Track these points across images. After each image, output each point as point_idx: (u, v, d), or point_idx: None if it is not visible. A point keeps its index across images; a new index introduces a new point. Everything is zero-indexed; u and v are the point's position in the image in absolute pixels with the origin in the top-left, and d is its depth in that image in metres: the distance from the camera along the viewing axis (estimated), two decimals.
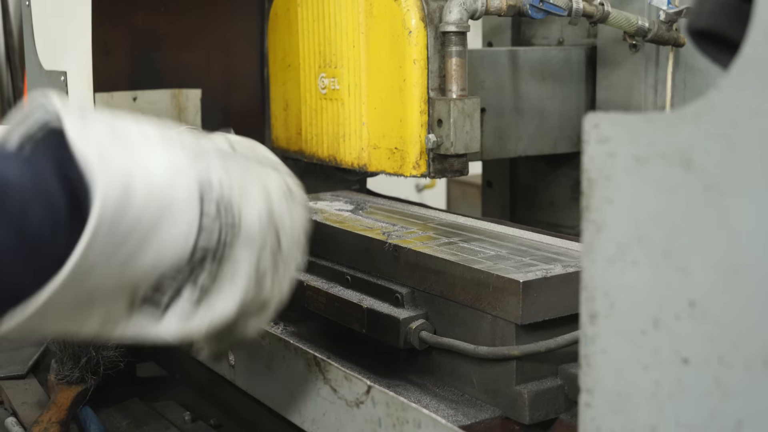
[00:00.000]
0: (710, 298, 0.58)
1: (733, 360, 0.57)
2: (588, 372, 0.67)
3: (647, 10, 1.55)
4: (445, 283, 1.11)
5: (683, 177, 0.58)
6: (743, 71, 0.55)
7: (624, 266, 0.63)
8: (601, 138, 0.63)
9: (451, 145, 1.34)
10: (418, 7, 1.35)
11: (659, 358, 0.62)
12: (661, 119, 0.59)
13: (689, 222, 0.59)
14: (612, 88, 1.68)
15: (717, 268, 0.57)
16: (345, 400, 1.01)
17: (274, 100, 1.72)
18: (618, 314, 0.64)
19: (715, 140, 0.56)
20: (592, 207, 0.65)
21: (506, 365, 1.03)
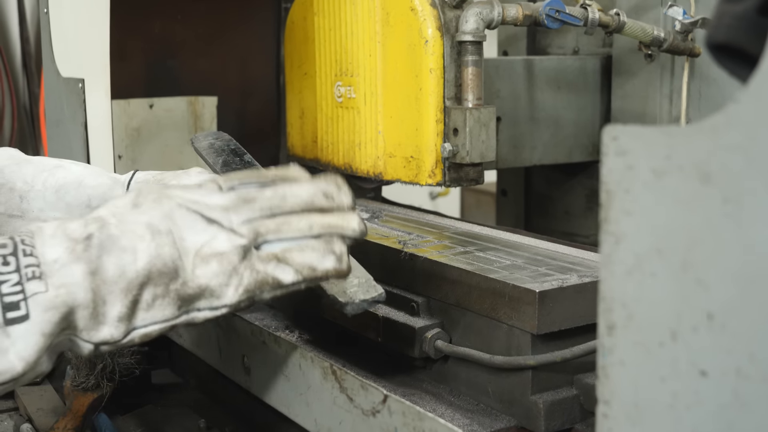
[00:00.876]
0: (728, 311, 0.58)
1: (750, 372, 0.57)
2: (605, 383, 0.67)
3: (663, 20, 1.55)
4: (461, 292, 1.11)
5: (701, 190, 0.59)
6: (762, 85, 0.55)
7: (642, 278, 0.63)
8: (620, 150, 0.64)
9: (467, 154, 1.35)
10: (435, 16, 1.36)
11: (677, 370, 0.62)
12: (679, 132, 0.60)
13: (707, 234, 0.59)
14: (627, 98, 1.68)
15: (735, 280, 0.58)
16: (361, 409, 1.01)
17: (290, 107, 1.73)
18: (636, 326, 0.64)
19: (733, 153, 0.57)
20: (610, 219, 0.65)
21: (522, 375, 1.03)
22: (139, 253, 0.91)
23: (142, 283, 0.91)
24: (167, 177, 1.20)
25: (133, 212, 0.94)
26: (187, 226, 0.94)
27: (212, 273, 0.94)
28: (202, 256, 0.94)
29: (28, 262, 0.87)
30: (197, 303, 0.95)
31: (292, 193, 0.98)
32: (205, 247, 0.94)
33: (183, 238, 0.94)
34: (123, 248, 0.91)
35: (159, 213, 0.94)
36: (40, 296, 0.86)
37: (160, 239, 0.92)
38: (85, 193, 1.22)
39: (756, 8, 0.60)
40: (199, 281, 0.94)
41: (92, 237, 0.90)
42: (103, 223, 0.92)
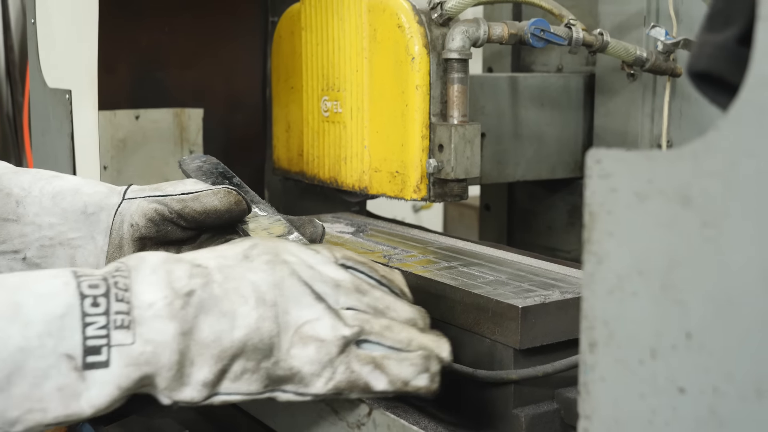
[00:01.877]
0: (706, 330, 0.60)
1: (727, 390, 0.59)
2: (587, 399, 0.69)
3: (645, 40, 1.58)
4: (445, 306, 1.13)
5: (681, 213, 0.61)
6: (741, 113, 0.57)
7: (623, 297, 0.65)
8: (604, 173, 0.66)
9: (452, 170, 1.37)
10: (422, 34, 1.38)
11: (656, 387, 0.64)
12: (661, 157, 0.62)
13: (687, 256, 0.61)
14: (609, 116, 1.70)
15: (713, 301, 0.60)
16: (346, 422, 1.02)
17: (277, 121, 1.74)
18: (617, 343, 0.66)
19: (712, 179, 0.59)
20: (593, 239, 0.67)
21: (504, 389, 1.04)
22: (238, 321, 0.90)
23: (235, 354, 0.90)
24: (163, 186, 1.20)
25: (243, 266, 0.94)
26: (295, 298, 0.93)
27: (307, 358, 0.92)
28: (302, 335, 0.93)
29: (118, 308, 0.86)
30: (285, 385, 0.94)
31: (395, 307, 0.99)
32: (307, 326, 0.93)
33: (287, 312, 0.93)
34: (223, 312, 0.90)
35: (270, 279, 0.93)
36: (125, 348, 0.85)
37: (264, 311, 0.91)
38: (81, 199, 1.20)
39: (736, 39, 0.63)
40: (292, 362, 0.92)
41: (193, 294, 0.89)
42: (208, 280, 0.91)
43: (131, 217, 1.17)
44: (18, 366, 0.82)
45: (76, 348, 0.84)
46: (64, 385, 0.83)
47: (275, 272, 0.94)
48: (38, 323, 0.83)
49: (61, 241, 1.20)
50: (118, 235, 1.17)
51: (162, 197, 1.16)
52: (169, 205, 1.16)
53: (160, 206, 1.16)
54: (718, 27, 0.64)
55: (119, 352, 0.85)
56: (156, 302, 0.87)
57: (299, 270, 0.95)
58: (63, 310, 0.84)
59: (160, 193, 1.17)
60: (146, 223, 1.16)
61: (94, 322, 0.84)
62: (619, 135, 1.68)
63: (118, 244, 1.18)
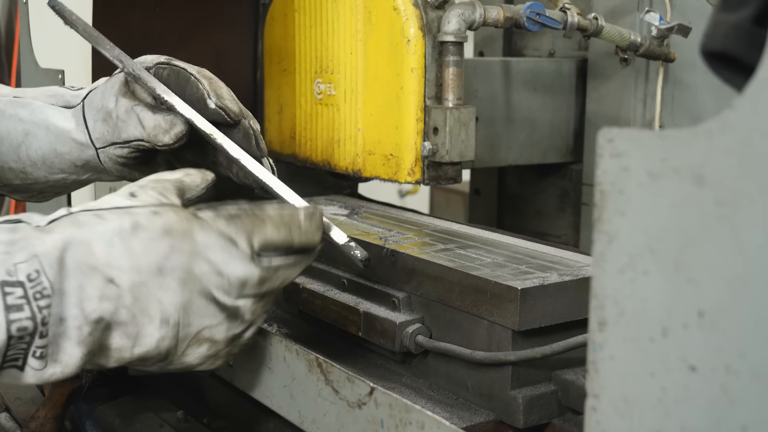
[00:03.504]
0: (719, 309, 0.60)
1: (740, 368, 0.59)
2: (595, 377, 0.69)
3: (639, 25, 1.58)
4: (443, 288, 1.13)
5: (695, 192, 0.61)
6: (757, 93, 0.57)
7: (635, 276, 0.65)
8: (615, 152, 0.65)
9: (446, 153, 1.37)
10: (417, 16, 1.37)
11: (666, 365, 0.64)
12: (675, 136, 0.62)
13: (700, 235, 0.61)
14: (602, 101, 1.70)
15: (726, 280, 0.60)
16: (347, 401, 1.02)
17: (269, 103, 1.73)
18: (627, 322, 0.66)
19: (727, 157, 0.59)
20: (604, 218, 0.67)
21: (502, 370, 1.04)
22: (141, 340, 0.97)
23: (133, 361, 0.99)
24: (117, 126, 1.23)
25: (155, 282, 0.96)
26: (199, 313, 0.99)
27: (198, 355, 1.02)
28: (198, 338, 1.01)
29: (39, 344, 0.90)
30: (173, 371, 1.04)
31: (289, 278, 1.05)
32: (206, 330, 1.01)
33: (189, 324, 0.99)
34: (127, 334, 0.96)
35: (178, 301, 0.97)
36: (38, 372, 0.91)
37: (166, 331, 0.97)
38: (66, 159, 1.27)
39: (751, 18, 0.63)
40: (184, 359, 1.02)
41: (101, 321, 0.93)
42: (117, 305, 0.94)
43: (114, 160, 1.24)
44: None
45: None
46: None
47: (184, 293, 0.97)
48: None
49: (83, 180, 1.32)
50: (116, 169, 1.25)
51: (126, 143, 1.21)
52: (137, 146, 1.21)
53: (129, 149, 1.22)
54: (733, 6, 0.64)
55: (33, 371, 0.91)
56: (67, 321, 0.91)
57: (208, 284, 0.99)
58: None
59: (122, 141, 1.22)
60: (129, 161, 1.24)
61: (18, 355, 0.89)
62: (611, 120, 1.68)
63: (124, 172, 1.26)
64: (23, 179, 1.30)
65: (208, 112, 1.16)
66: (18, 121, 1.28)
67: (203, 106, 1.17)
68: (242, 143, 1.17)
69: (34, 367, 0.90)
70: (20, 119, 1.28)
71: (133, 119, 1.20)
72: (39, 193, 1.35)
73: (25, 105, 1.29)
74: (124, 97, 1.21)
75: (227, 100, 1.17)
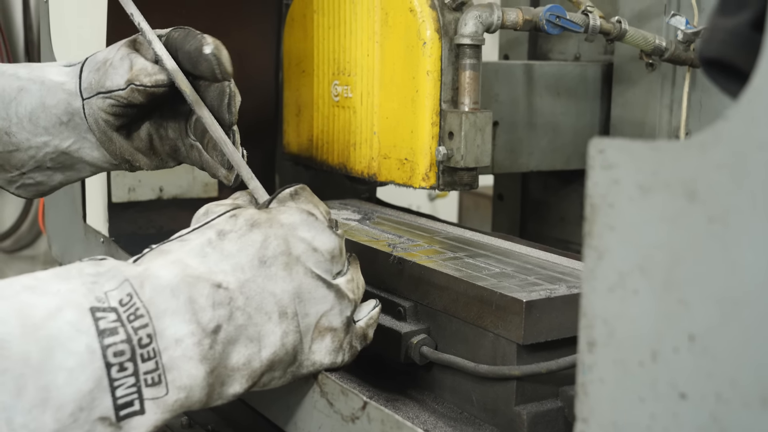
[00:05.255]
0: (710, 333, 0.57)
1: (730, 397, 0.56)
2: (584, 401, 0.66)
3: (665, 29, 1.54)
4: (448, 298, 1.10)
5: (687, 207, 0.57)
6: (752, 102, 0.53)
7: (624, 295, 0.62)
8: (606, 164, 0.62)
9: (461, 159, 1.33)
10: (434, 18, 1.34)
11: (656, 391, 0.60)
12: (667, 148, 0.58)
13: (691, 253, 0.57)
14: (627, 106, 1.67)
15: (718, 301, 0.56)
16: (341, 415, 1.00)
17: (287, 105, 1.71)
18: (616, 343, 0.63)
19: (720, 172, 0.55)
20: (594, 233, 0.63)
21: (506, 385, 1.02)
22: (264, 341, 0.94)
23: (265, 371, 0.95)
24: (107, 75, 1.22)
25: (261, 275, 0.95)
26: (311, 297, 0.98)
27: (325, 350, 1.01)
28: (320, 329, 0.99)
29: (146, 369, 0.86)
30: (305, 376, 1.03)
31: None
32: (323, 319, 0.99)
33: (307, 314, 0.98)
34: (249, 338, 0.93)
35: (290, 288, 0.97)
36: (159, 400, 0.87)
37: (286, 325, 0.96)
38: (51, 112, 1.25)
39: (749, 23, 0.59)
40: (314, 358, 1.00)
41: (220, 330, 0.91)
42: (232, 309, 0.92)
43: (97, 114, 1.22)
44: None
45: (108, 410, 0.84)
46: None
47: (293, 278, 0.97)
48: (70, 403, 0.82)
49: (63, 151, 1.27)
50: (99, 129, 1.24)
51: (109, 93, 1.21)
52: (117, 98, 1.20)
53: (112, 101, 1.21)
54: (731, 10, 0.60)
55: (153, 403, 0.86)
56: (183, 339, 0.88)
57: (309, 262, 0.98)
58: (92, 385, 0.83)
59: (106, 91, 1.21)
60: (110, 118, 1.22)
61: (123, 383, 0.85)
62: (636, 126, 1.64)
63: (105, 136, 1.24)
64: (5, 144, 1.27)
65: (201, 60, 1.15)
66: (15, 79, 1.28)
67: (198, 54, 1.16)
68: (215, 101, 1.19)
69: (151, 397, 0.85)
70: (18, 77, 1.28)
71: (125, 64, 1.21)
72: (18, 173, 1.31)
73: (26, 65, 1.31)
74: (126, 47, 1.23)
75: (223, 57, 1.16)
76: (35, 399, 0.81)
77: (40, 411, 0.81)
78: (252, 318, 0.93)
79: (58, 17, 1.77)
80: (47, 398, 0.81)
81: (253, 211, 1.00)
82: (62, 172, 1.31)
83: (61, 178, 1.33)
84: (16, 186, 1.33)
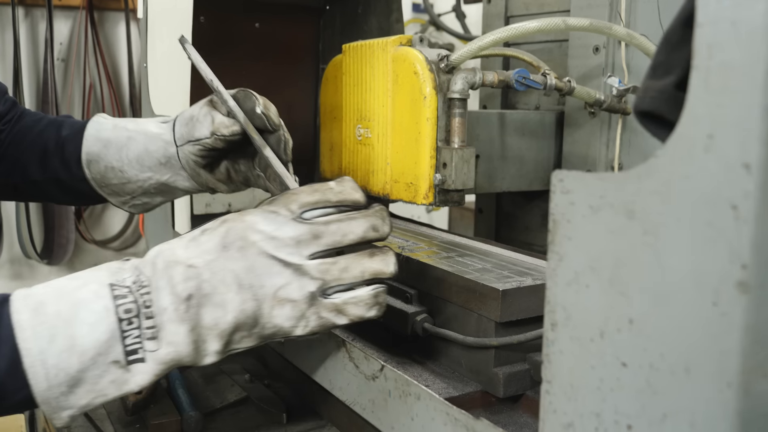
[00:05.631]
0: (644, 318, 0.55)
1: (660, 366, 0.54)
2: (548, 367, 0.64)
3: (603, 86, 1.52)
4: (444, 287, 1.08)
5: (627, 223, 0.56)
6: (676, 145, 0.52)
7: (579, 288, 0.60)
8: (565, 189, 0.61)
9: (453, 183, 1.32)
10: (432, 79, 1.33)
11: (603, 360, 0.59)
12: (610, 178, 0.57)
13: (630, 257, 0.56)
14: (575, 144, 1.65)
15: (651, 294, 0.55)
16: (364, 374, 0.98)
17: (323, 142, 1.70)
18: (573, 324, 0.62)
19: (652, 196, 0.54)
20: (555, 242, 0.62)
21: (487, 352, 1.00)
22: (228, 306, 0.88)
23: (232, 331, 0.90)
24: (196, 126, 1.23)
25: (222, 257, 0.90)
26: (267, 272, 0.90)
27: (285, 316, 0.90)
28: (278, 299, 0.90)
29: (147, 325, 0.85)
30: (274, 337, 0.93)
31: (350, 230, 0.92)
32: (281, 290, 0.90)
33: (262, 285, 0.90)
34: (215, 304, 0.88)
35: (244, 265, 0.89)
36: (155, 353, 0.85)
37: (244, 294, 0.89)
38: (153, 156, 1.26)
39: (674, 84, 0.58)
40: (275, 321, 0.91)
41: (191, 298, 0.87)
42: (199, 282, 0.88)
43: (188, 157, 1.24)
44: (79, 378, 0.82)
45: (119, 355, 0.83)
46: (115, 378, 0.84)
47: (247, 257, 0.90)
48: (90, 350, 0.82)
49: (163, 182, 1.28)
50: (189, 167, 1.25)
51: (197, 141, 1.22)
52: (204, 145, 1.22)
53: (200, 147, 1.22)
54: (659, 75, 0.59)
55: (151, 355, 0.85)
56: (167, 307, 0.86)
57: (265, 246, 0.90)
58: (107, 336, 0.83)
59: (194, 139, 1.23)
60: (198, 159, 1.24)
61: (130, 335, 0.84)
62: (581, 158, 1.62)
63: (194, 172, 1.25)
64: (120, 178, 1.29)
65: (255, 116, 1.17)
66: (124, 130, 1.30)
67: (252, 112, 1.18)
68: (275, 146, 1.19)
69: (150, 349, 0.84)
70: (126, 129, 1.30)
71: (207, 119, 1.21)
72: (130, 197, 1.32)
73: (132, 120, 1.32)
74: (206, 106, 1.23)
75: (272, 112, 1.18)
76: (64, 345, 0.81)
77: (67, 354, 0.81)
78: (217, 288, 0.88)
79: (154, 78, 1.76)
80: (73, 345, 0.81)
81: (231, 215, 0.95)
82: (162, 196, 1.32)
83: (161, 200, 1.33)
84: (128, 206, 1.34)
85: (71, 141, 1.32)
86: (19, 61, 2.95)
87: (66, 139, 1.32)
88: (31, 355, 0.80)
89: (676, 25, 0.57)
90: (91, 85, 3.24)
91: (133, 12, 3.27)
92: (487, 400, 1.00)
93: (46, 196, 1.38)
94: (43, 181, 1.34)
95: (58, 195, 1.36)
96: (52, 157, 1.33)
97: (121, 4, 3.25)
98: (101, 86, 3.27)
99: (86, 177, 1.31)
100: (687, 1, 0.56)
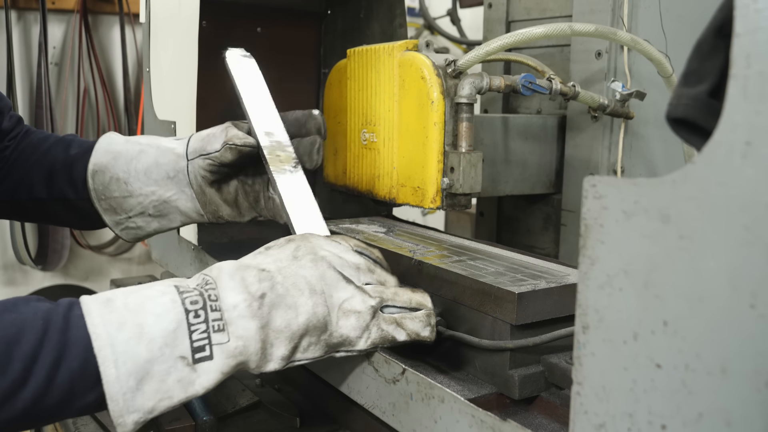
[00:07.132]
0: (679, 320, 0.57)
1: (696, 367, 0.56)
2: (580, 369, 0.65)
3: (606, 91, 1.54)
4: (458, 291, 1.09)
5: (662, 228, 0.57)
6: (713, 152, 0.53)
7: (612, 291, 0.62)
8: (597, 195, 0.62)
9: (460, 187, 1.33)
10: (439, 83, 1.34)
11: (637, 362, 0.60)
12: (645, 183, 0.58)
13: (665, 262, 0.57)
14: (577, 148, 1.66)
15: (686, 297, 0.56)
16: (384, 378, 0.99)
17: (327, 147, 1.71)
18: (605, 327, 0.63)
19: (688, 202, 0.55)
20: (588, 246, 0.63)
21: (502, 355, 1.01)
22: (300, 309, 0.91)
23: (302, 334, 0.91)
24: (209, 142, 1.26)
25: (294, 265, 0.94)
26: (334, 285, 0.95)
27: (351, 327, 0.95)
28: (344, 311, 0.95)
29: (214, 317, 0.86)
30: (338, 348, 0.96)
31: (388, 278, 1.04)
32: (346, 302, 0.95)
33: (331, 295, 0.94)
34: (288, 305, 0.91)
35: (315, 273, 0.94)
36: (224, 345, 0.86)
37: (316, 299, 0.92)
38: (163, 170, 1.27)
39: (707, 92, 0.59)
40: (341, 331, 0.95)
41: (265, 296, 0.89)
42: (273, 282, 0.91)
43: (197, 171, 1.25)
44: (147, 371, 0.82)
45: (186, 350, 0.84)
46: (182, 378, 0.84)
47: (318, 267, 0.95)
48: (158, 338, 0.83)
49: (165, 200, 1.28)
50: (196, 183, 1.25)
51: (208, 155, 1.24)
52: (214, 158, 1.24)
53: (210, 161, 1.24)
54: (692, 83, 0.61)
55: (219, 349, 0.85)
56: (238, 304, 0.88)
57: (333, 261, 0.96)
58: (174, 326, 0.84)
59: (206, 153, 1.25)
60: (207, 174, 1.25)
61: (197, 329, 0.85)
62: (584, 162, 1.64)
63: (200, 189, 1.26)
64: (122, 191, 1.28)
65: (311, 119, 1.27)
66: (137, 144, 1.30)
67: (308, 116, 1.27)
68: (307, 148, 1.28)
69: (218, 342, 0.85)
70: (139, 143, 1.30)
71: (223, 135, 1.23)
72: (126, 216, 1.30)
73: (146, 137, 1.33)
74: (226, 126, 1.25)
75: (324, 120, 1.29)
76: (132, 332, 0.82)
77: (135, 342, 0.82)
78: (289, 291, 0.91)
79: (157, 82, 1.77)
80: (141, 333, 0.82)
81: (295, 235, 1.02)
82: (158, 221, 1.30)
83: (156, 226, 1.32)
84: (121, 228, 1.32)
85: (80, 160, 1.31)
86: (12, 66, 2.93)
87: (75, 159, 1.31)
88: (101, 338, 0.81)
89: (708, 35, 0.59)
90: (85, 90, 3.23)
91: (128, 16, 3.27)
92: (501, 402, 1.01)
93: (50, 215, 1.36)
94: (49, 200, 1.33)
95: (64, 215, 1.34)
96: (59, 176, 1.32)
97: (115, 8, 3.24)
98: (95, 90, 3.26)
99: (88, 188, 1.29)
100: (719, 11, 0.57)
